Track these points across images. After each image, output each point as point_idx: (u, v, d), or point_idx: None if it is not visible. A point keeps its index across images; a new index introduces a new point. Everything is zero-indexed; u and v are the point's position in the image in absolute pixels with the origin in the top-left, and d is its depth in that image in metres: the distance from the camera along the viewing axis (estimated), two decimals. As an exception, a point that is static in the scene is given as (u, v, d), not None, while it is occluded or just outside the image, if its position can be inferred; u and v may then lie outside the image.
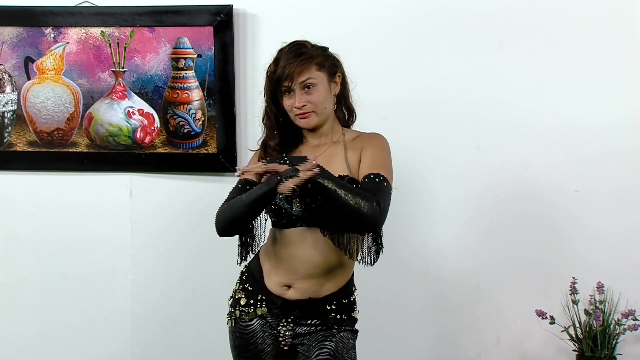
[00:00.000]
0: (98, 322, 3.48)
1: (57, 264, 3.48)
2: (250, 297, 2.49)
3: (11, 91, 3.44)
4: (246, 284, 2.52)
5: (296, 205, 2.38)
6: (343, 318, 2.46)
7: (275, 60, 2.41)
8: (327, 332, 2.44)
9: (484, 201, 3.27)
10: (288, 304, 2.43)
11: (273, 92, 2.42)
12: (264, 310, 2.46)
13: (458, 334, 3.31)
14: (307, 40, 2.45)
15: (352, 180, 2.36)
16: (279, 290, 2.44)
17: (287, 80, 2.36)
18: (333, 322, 2.45)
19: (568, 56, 3.21)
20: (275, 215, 2.43)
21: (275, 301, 2.45)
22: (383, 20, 3.28)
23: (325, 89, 2.41)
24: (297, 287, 2.42)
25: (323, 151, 2.45)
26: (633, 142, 3.20)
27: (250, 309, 2.48)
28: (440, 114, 3.27)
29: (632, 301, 3.13)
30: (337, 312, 2.45)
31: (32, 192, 3.48)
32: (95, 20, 3.38)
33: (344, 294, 2.47)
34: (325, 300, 2.44)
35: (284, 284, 2.44)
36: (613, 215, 3.20)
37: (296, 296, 2.42)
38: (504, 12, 3.22)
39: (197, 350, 3.45)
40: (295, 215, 2.39)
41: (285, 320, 2.45)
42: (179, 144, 3.39)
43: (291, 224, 2.41)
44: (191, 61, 3.34)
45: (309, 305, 2.43)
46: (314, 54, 2.40)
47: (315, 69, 2.39)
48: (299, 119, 2.41)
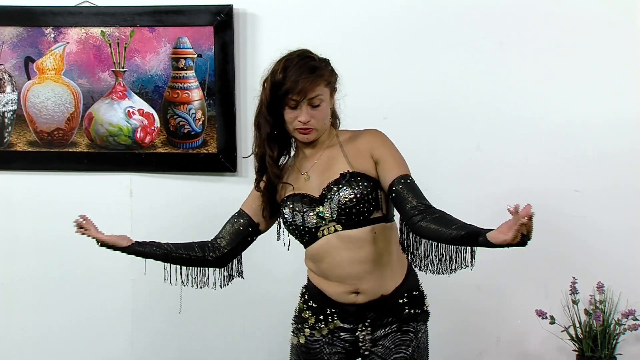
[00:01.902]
0: (98, 322, 3.48)
1: (57, 263, 3.48)
2: (319, 313, 2.44)
3: (11, 91, 3.44)
4: (310, 302, 2.47)
5: (310, 217, 2.37)
6: (417, 312, 2.43)
7: (282, 70, 2.32)
8: (405, 336, 2.41)
9: (484, 201, 3.26)
10: (362, 308, 2.40)
11: (274, 101, 2.35)
12: (336, 323, 2.42)
13: (458, 334, 3.31)
14: (311, 51, 2.40)
15: (355, 174, 2.34)
16: (349, 299, 2.40)
17: (299, 95, 2.30)
18: (408, 318, 2.41)
19: (568, 56, 3.21)
20: (295, 235, 2.42)
21: (348, 309, 2.41)
22: (383, 20, 3.28)
23: (327, 105, 2.39)
24: (363, 290, 2.38)
25: (319, 157, 2.43)
26: (633, 142, 3.20)
27: (321, 325, 2.44)
28: (440, 114, 3.27)
29: (632, 301, 3.13)
30: (411, 307, 2.42)
31: (32, 192, 3.48)
32: (95, 20, 3.38)
33: (412, 285, 2.44)
34: (396, 294, 2.40)
35: (350, 292, 2.39)
36: (613, 215, 3.20)
37: (367, 298, 2.39)
38: (504, 11, 3.22)
39: (197, 350, 3.45)
40: (314, 227, 2.37)
41: (362, 325, 2.41)
42: (179, 144, 3.40)
43: (313, 238, 2.38)
44: (191, 61, 3.35)
45: (382, 303, 2.39)
46: (324, 71, 2.36)
47: (324, 85, 2.36)
48: (299, 134, 2.37)
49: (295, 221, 2.38)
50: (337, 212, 2.33)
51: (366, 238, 2.35)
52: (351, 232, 2.35)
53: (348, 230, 2.35)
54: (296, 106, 2.33)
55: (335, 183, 2.35)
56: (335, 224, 2.35)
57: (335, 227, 2.35)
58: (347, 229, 2.35)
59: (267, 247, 2.65)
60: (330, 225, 2.35)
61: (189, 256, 2.50)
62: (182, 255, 2.50)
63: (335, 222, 2.35)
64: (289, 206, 2.39)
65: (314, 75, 2.32)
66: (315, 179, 2.40)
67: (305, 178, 2.41)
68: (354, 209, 2.33)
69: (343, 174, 2.35)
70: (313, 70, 2.33)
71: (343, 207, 2.32)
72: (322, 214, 2.35)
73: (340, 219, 2.34)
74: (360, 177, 2.34)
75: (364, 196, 2.33)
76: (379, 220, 2.37)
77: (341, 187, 2.33)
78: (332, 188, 2.35)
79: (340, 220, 2.34)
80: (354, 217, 2.33)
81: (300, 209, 2.37)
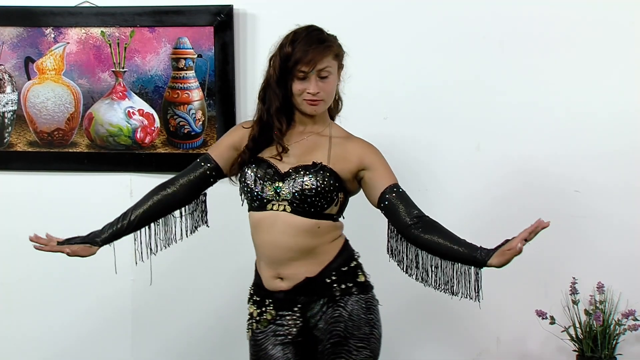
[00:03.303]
0: (98, 322, 3.48)
1: (57, 264, 3.45)
2: (260, 305, 2.46)
3: (11, 91, 3.44)
4: (254, 296, 2.49)
5: (267, 188, 2.38)
6: (348, 286, 2.41)
7: (291, 42, 2.36)
8: (335, 312, 2.39)
9: (484, 201, 3.27)
10: (290, 293, 2.40)
11: (283, 73, 2.37)
12: (271, 312, 2.44)
13: (458, 334, 3.31)
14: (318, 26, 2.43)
15: (326, 168, 2.36)
16: (274, 285, 2.42)
17: (308, 65, 2.33)
18: (340, 294, 2.40)
19: (568, 55, 3.21)
20: (247, 197, 2.43)
21: (277, 296, 2.42)
22: (383, 20, 3.28)
23: (335, 78, 2.42)
24: (286, 276, 2.40)
25: (306, 138, 2.44)
26: (633, 142, 3.20)
27: (262, 317, 2.45)
28: (440, 114, 3.27)
29: (632, 301, 3.13)
30: (340, 282, 2.41)
31: (32, 192, 3.48)
32: (95, 20, 3.38)
33: (341, 262, 2.43)
34: (323, 274, 2.40)
35: (274, 277, 2.41)
36: (613, 215, 3.20)
37: (292, 283, 2.39)
38: (504, 11, 3.22)
39: (197, 350, 3.45)
40: (267, 198, 2.38)
41: (292, 310, 2.41)
42: (179, 144, 3.40)
43: (261, 207, 2.39)
44: (191, 61, 3.35)
45: (309, 285, 2.39)
46: (333, 43, 2.40)
47: (332, 57, 2.38)
48: (308, 105, 2.39)
49: (252, 185, 2.39)
50: (292, 195, 2.35)
51: (308, 229, 2.36)
52: (297, 218, 2.36)
53: (295, 215, 2.36)
54: (305, 77, 2.35)
55: (304, 167, 2.37)
56: (287, 204, 2.36)
57: (285, 207, 2.37)
58: (294, 213, 2.36)
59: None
60: (282, 204, 2.37)
61: (153, 209, 2.51)
62: (145, 211, 2.51)
63: (287, 202, 2.36)
64: (253, 169, 2.41)
65: (323, 46, 2.35)
66: (292, 155, 2.41)
67: (283, 150, 2.41)
68: (309, 199, 2.35)
69: (315, 163, 2.37)
70: (322, 42, 2.36)
71: (300, 192, 2.34)
72: (279, 189, 2.37)
73: (292, 202, 2.36)
74: (330, 173, 2.36)
75: (324, 191, 2.35)
76: (327, 217, 2.40)
77: (308, 174, 2.36)
78: (299, 171, 2.37)
79: (292, 203, 2.36)
80: (305, 206, 2.35)
81: (263, 176, 2.38)
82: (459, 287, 2.34)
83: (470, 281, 2.32)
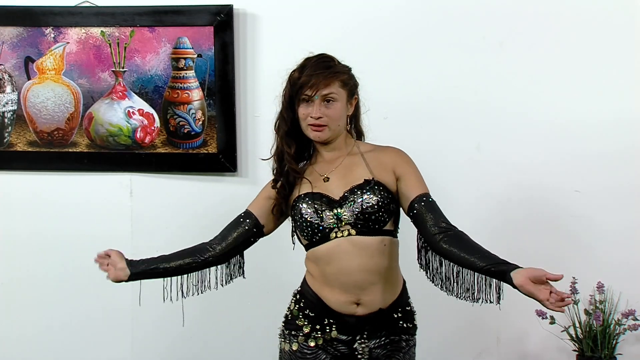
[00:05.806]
0: (98, 322, 3.48)
1: (57, 263, 3.49)
2: (316, 322, 2.43)
3: (11, 91, 3.44)
4: (306, 310, 2.45)
5: (328, 216, 2.36)
6: (409, 326, 2.46)
7: (300, 68, 2.39)
8: (398, 345, 2.43)
9: (484, 201, 3.27)
10: (361, 320, 2.40)
11: (291, 99, 2.39)
12: (334, 333, 2.42)
13: (458, 334, 3.32)
14: (333, 56, 2.44)
15: (378, 183, 2.37)
16: (349, 309, 2.40)
17: (311, 89, 2.34)
18: (401, 332, 2.44)
19: (568, 55, 3.21)
20: (307, 232, 2.40)
21: (347, 320, 2.40)
22: (383, 20, 3.28)
23: (342, 106, 2.41)
24: (365, 301, 2.38)
25: (340, 163, 2.44)
26: (633, 142, 3.20)
27: (317, 334, 2.43)
28: (440, 114, 3.27)
29: (632, 301, 3.13)
30: (404, 321, 2.45)
31: (32, 192, 3.48)
32: (95, 20, 3.38)
33: (405, 301, 2.47)
34: (392, 309, 2.42)
35: (352, 302, 2.39)
36: (613, 215, 3.20)
37: (367, 310, 2.39)
38: (504, 11, 3.22)
39: (197, 350, 3.45)
40: (329, 227, 2.37)
41: (360, 336, 2.41)
42: (179, 144, 3.40)
43: (324, 239, 2.38)
44: (191, 61, 3.35)
45: (380, 316, 2.40)
46: (341, 71, 2.41)
47: (339, 85, 2.38)
48: (312, 130, 2.39)
49: (312, 218, 2.38)
50: (356, 216, 2.34)
51: (377, 248, 2.36)
52: (364, 238, 2.36)
53: (361, 237, 2.36)
54: (309, 100, 2.36)
55: (359, 187, 2.37)
56: (350, 228, 2.35)
57: (349, 230, 2.36)
58: (360, 235, 2.36)
59: (268, 247, 2.65)
60: (345, 229, 2.36)
61: (189, 265, 2.51)
62: (182, 265, 2.51)
63: (350, 226, 2.35)
64: (307, 202, 2.39)
65: (329, 72, 2.36)
66: (335, 181, 2.41)
67: (325, 180, 2.42)
68: (373, 216, 2.34)
69: (368, 180, 2.37)
70: (328, 68, 2.37)
71: (364, 211, 2.34)
72: (340, 215, 2.36)
73: (357, 223, 2.35)
74: (382, 187, 2.37)
75: (384, 205, 2.35)
76: (388, 234, 2.40)
77: (365, 192, 2.35)
78: (355, 191, 2.36)
79: (356, 225, 2.35)
80: (370, 224, 2.35)
81: (320, 207, 2.37)
82: (479, 294, 2.37)
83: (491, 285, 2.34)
